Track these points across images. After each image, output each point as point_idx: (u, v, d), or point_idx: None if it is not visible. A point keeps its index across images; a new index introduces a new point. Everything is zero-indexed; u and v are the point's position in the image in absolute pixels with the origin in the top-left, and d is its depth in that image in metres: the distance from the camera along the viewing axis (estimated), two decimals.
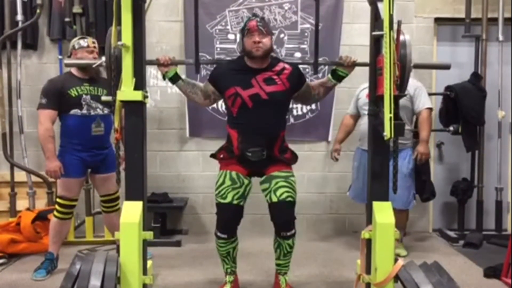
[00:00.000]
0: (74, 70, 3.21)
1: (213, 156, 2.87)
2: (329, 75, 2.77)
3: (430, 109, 3.62)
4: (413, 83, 3.57)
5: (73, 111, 3.11)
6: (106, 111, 3.19)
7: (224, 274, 2.90)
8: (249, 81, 2.66)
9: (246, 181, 2.74)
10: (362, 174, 3.63)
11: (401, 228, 3.64)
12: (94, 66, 2.68)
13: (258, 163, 2.71)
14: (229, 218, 2.74)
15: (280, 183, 2.70)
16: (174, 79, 2.72)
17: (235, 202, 2.70)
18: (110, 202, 3.36)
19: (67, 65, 3.12)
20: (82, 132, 3.14)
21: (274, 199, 2.70)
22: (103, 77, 3.30)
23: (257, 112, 2.65)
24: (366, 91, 3.54)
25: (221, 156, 2.78)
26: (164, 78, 2.74)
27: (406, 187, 3.58)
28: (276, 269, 2.90)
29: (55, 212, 3.20)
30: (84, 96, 3.13)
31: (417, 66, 2.58)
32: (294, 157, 2.83)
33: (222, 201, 2.71)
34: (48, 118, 3.08)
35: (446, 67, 2.84)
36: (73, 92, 3.11)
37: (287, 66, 2.74)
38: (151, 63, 2.70)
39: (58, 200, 3.19)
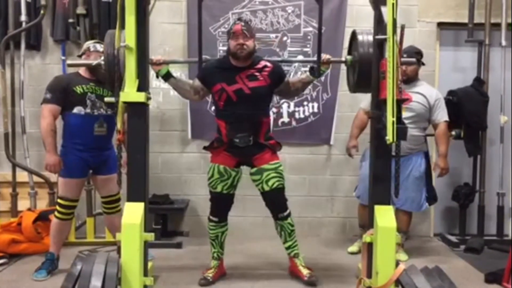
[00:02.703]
0: (81, 71, 3.24)
1: (205, 148, 3.18)
2: (307, 72, 3.10)
3: (447, 121, 3.62)
4: (435, 94, 3.57)
5: (76, 109, 3.12)
6: (109, 111, 3.20)
7: (211, 259, 3.19)
8: (234, 78, 2.96)
9: (233, 173, 3.05)
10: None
11: (404, 231, 3.63)
12: (93, 65, 2.83)
13: (245, 150, 3.00)
14: (220, 205, 3.14)
15: (271, 175, 3.03)
16: (166, 77, 3.03)
17: (224, 192, 3.07)
18: (111, 203, 3.36)
19: (70, 65, 3.16)
20: (85, 131, 3.15)
21: (267, 188, 3.04)
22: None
23: (241, 104, 2.94)
24: None
25: (214, 145, 3.09)
26: (157, 76, 3.04)
27: (418, 190, 3.59)
28: (288, 253, 3.17)
29: (56, 213, 3.20)
30: (89, 94, 3.15)
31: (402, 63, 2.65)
32: (278, 145, 3.14)
33: (213, 190, 3.10)
34: (51, 112, 3.09)
35: (416, 63, 2.95)
36: (79, 89, 3.13)
37: (268, 64, 3.05)
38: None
39: (59, 200, 3.19)
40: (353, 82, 2.87)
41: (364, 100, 3.72)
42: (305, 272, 3.08)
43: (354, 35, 2.82)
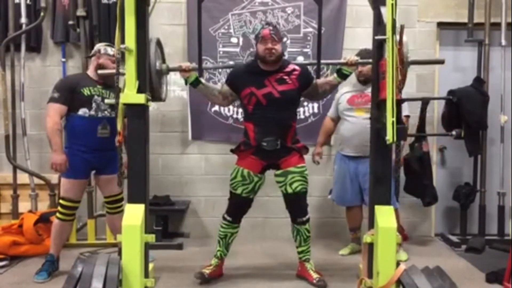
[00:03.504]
0: (90, 72, 3.26)
1: (232, 150, 3.14)
2: (335, 74, 3.06)
3: (408, 116, 3.65)
4: None
5: (81, 111, 3.14)
6: (113, 114, 3.21)
7: (213, 257, 3.19)
8: (263, 82, 2.97)
9: (256, 179, 3.04)
10: (342, 177, 3.69)
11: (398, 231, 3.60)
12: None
13: (273, 154, 2.99)
14: (237, 206, 3.13)
15: (296, 178, 3.03)
16: (195, 83, 3.03)
17: (244, 195, 3.06)
18: (113, 203, 3.36)
19: (101, 75, 3.14)
20: (88, 133, 3.16)
21: (290, 191, 3.04)
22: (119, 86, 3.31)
23: (271, 108, 2.96)
24: (347, 96, 3.60)
25: (241, 148, 3.07)
26: (186, 83, 3.05)
27: None
28: (299, 257, 3.18)
29: (57, 214, 3.21)
30: (96, 97, 3.17)
31: (414, 63, 2.65)
32: (305, 148, 3.15)
33: (233, 191, 3.09)
34: (58, 112, 3.10)
35: (441, 62, 2.93)
36: (86, 91, 3.15)
37: (296, 67, 3.05)
38: (174, 69, 2.92)
39: (60, 201, 3.20)
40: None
41: (331, 108, 3.83)
42: (314, 275, 3.09)
43: None
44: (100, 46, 3.30)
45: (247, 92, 2.98)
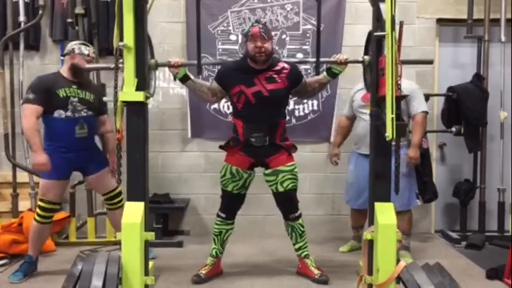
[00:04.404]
0: (64, 72, 3.15)
1: (221, 147, 3.15)
2: (324, 73, 3.03)
3: (426, 112, 3.52)
4: (410, 86, 3.43)
5: (57, 113, 3.05)
6: (89, 113, 3.17)
7: (209, 256, 3.18)
8: (252, 80, 2.96)
9: (245, 175, 3.06)
10: (358, 179, 3.57)
11: (405, 233, 3.44)
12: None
13: (261, 150, 3.00)
14: (230, 203, 3.14)
15: (287, 176, 3.04)
16: (184, 79, 2.99)
17: (235, 191, 3.08)
18: (113, 198, 3.33)
19: (89, 69, 3.12)
20: (67, 134, 3.09)
21: (281, 189, 3.05)
22: (93, 84, 3.25)
23: (260, 106, 2.96)
24: (361, 93, 3.56)
25: (230, 143, 3.09)
26: (175, 78, 3.01)
27: (404, 186, 3.52)
28: (298, 254, 3.18)
29: (35, 216, 3.13)
30: (71, 98, 3.08)
31: (403, 63, 2.58)
32: (293, 146, 3.14)
33: (224, 188, 3.11)
34: (34, 113, 2.98)
35: (429, 62, 2.93)
36: (61, 93, 3.06)
37: (286, 65, 3.03)
38: (163, 65, 2.86)
39: (39, 203, 3.12)
40: (370, 82, 2.78)
41: (346, 107, 3.78)
42: (315, 271, 3.09)
43: (371, 35, 2.66)
44: (74, 45, 3.17)
45: (236, 90, 2.97)
